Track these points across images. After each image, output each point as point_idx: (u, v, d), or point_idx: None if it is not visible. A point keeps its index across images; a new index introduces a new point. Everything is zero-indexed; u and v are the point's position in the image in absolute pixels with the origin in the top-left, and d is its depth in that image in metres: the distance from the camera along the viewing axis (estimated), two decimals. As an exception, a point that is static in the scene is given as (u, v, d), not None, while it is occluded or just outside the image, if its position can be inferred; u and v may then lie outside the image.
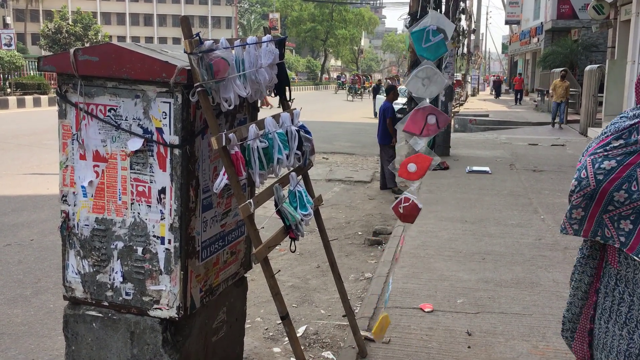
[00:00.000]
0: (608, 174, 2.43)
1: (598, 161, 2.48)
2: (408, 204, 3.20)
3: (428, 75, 3.12)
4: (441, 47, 3.09)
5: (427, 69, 3.14)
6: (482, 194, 8.79)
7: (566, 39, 28.86)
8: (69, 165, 2.84)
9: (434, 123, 3.12)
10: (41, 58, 2.84)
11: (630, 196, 2.39)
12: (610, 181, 2.43)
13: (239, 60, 2.81)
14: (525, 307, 4.58)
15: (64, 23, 43.97)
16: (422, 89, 3.14)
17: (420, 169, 3.11)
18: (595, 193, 2.47)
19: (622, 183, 2.40)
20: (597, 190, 2.46)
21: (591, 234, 2.56)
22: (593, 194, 2.48)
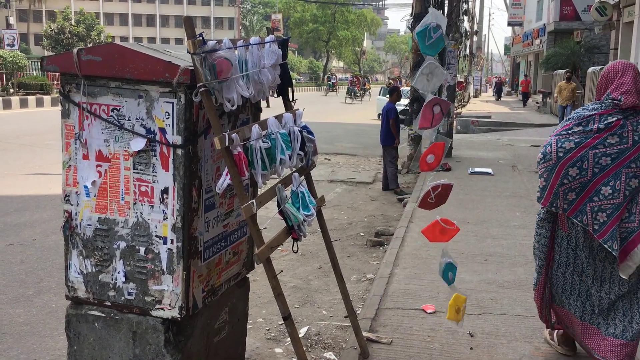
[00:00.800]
0: (567, 153, 3.19)
1: (561, 141, 3.23)
2: (439, 190, 3.30)
3: (431, 71, 3.27)
4: (440, 41, 3.24)
5: (430, 64, 3.28)
6: (484, 195, 8.79)
7: (569, 40, 28.84)
8: (72, 165, 2.84)
9: (439, 111, 3.29)
10: (44, 58, 2.85)
11: (580, 172, 3.17)
12: (568, 159, 3.19)
13: (242, 60, 2.81)
14: (528, 308, 4.57)
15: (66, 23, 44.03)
16: (427, 84, 3.29)
17: (437, 157, 3.27)
18: (555, 166, 3.22)
19: (577, 161, 3.18)
20: (557, 164, 3.21)
21: (549, 204, 3.30)
22: (554, 167, 3.22)
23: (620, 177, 3.14)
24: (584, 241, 3.28)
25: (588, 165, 3.17)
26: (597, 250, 3.26)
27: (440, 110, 3.28)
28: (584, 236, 3.28)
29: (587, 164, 3.17)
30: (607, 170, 3.16)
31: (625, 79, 3.23)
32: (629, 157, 3.16)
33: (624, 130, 3.17)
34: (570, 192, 3.21)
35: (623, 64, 3.32)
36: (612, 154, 3.16)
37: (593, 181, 3.17)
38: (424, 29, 3.21)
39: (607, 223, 3.13)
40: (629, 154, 3.16)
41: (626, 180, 3.14)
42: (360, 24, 70.39)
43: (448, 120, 12.60)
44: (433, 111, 3.25)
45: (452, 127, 13.39)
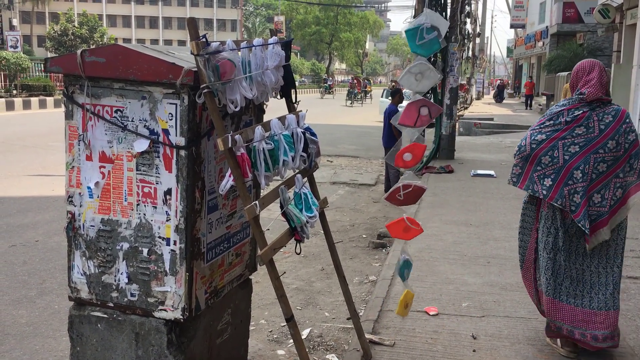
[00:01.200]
0: (539, 144, 3.65)
1: (534, 135, 3.69)
2: (409, 189, 3.34)
3: (421, 71, 3.24)
4: (434, 44, 3.22)
5: (420, 64, 3.25)
6: (487, 197, 8.78)
7: (571, 42, 28.82)
8: (75, 166, 2.85)
9: (427, 114, 3.27)
10: (48, 59, 2.85)
11: (552, 160, 3.61)
12: (540, 149, 3.64)
13: (246, 62, 2.81)
14: (531, 311, 4.56)
15: (70, 25, 44.14)
16: (415, 83, 3.27)
17: (415, 157, 3.29)
18: (529, 156, 3.68)
19: (548, 150, 3.62)
20: (531, 155, 3.67)
21: (525, 187, 3.74)
22: (528, 157, 3.69)
23: (589, 162, 3.56)
24: (561, 219, 3.68)
25: (558, 153, 3.61)
26: (569, 227, 3.69)
27: (428, 113, 3.26)
28: (561, 214, 3.68)
29: (558, 152, 3.62)
30: (577, 156, 3.58)
31: (592, 75, 3.63)
32: (596, 144, 3.57)
33: (590, 121, 3.59)
34: (545, 178, 3.64)
35: (590, 63, 3.74)
36: (579, 142, 3.59)
37: (565, 167, 3.59)
38: (415, 27, 3.21)
39: (581, 204, 3.57)
40: (596, 142, 3.57)
41: (594, 164, 3.57)
42: (362, 26, 70.42)
43: (451, 122, 12.60)
44: (420, 112, 3.25)
45: (455, 129, 13.37)
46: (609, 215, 3.61)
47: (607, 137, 3.55)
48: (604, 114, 3.59)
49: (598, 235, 3.62)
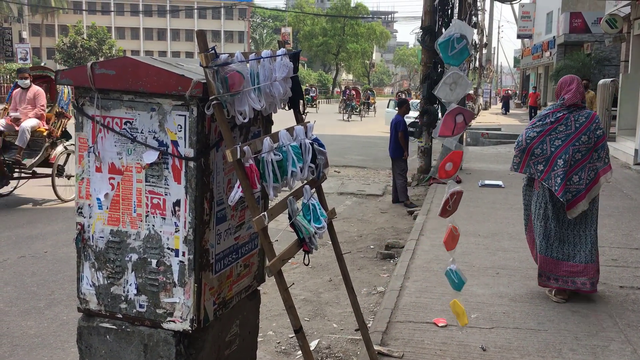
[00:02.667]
0: (532, 139, 4.81)
1: (528, 133, 4.86)
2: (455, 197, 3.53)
3: (455, 80, 3.36)
4: (464, 52, 3.33)
5: (454, 74, 3.36)
6: (495, 208, 8.74)
7: (579, 52, 28.77)
8: (85, 178, 2.86)
9: (462, 120, 3.40)
10: (59, 72, 2.87)
11: (542, 151, 4.76)
12: (533, 143, 4.81)
13: (254, 73, 2.83)
14: (540, 322, 4.53)
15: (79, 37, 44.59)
16: (450, 93, 3.39)
17: (455, 165, 3.45)
18: (525, 149, 4.84)
19: (539, 144, 4.79)
20: (527, 147, 4.83)
21: (523, 171, 4.92)
22: (524, 149, 4.85)
23: (568, 152, 4.70)
24: (549, 195, 4.84)
25: (547, 146, 4.78)
26: (556, 201, 4.82)
27: (464, 119, 3.40)
28: (549, 192, 4.83)
29: (546, 145, 4.78)
30: (560, 148, 4.73)
31: (571, 86, 4.82)
32: (573, 138, 4.73)
33: (568, 121, 4.77)
34: (538, 164, 4.81)
35: (570, 77, 4.97)
36: (561, 137, 4.75)
37: (552, 157, 4.74)
38: (447, 39, 3.31)
39: (561, 184, 4.68)
40: (573, 136, 4.73)
41: (572, 154, 4.71)
42: (369, 37, 70.62)
43: (458, 132, 12.59)
44: (455, 120, 3.38)
45: (462, 139, 13.35)
46: (585, 191, 4.76)
47: (581, 132, 4.73)
48: (578, 115, 4.78)
49: (578, 206, 4.76)
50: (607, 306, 4.88)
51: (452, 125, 3.37)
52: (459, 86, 3.36)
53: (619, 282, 5.46)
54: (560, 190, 4.67)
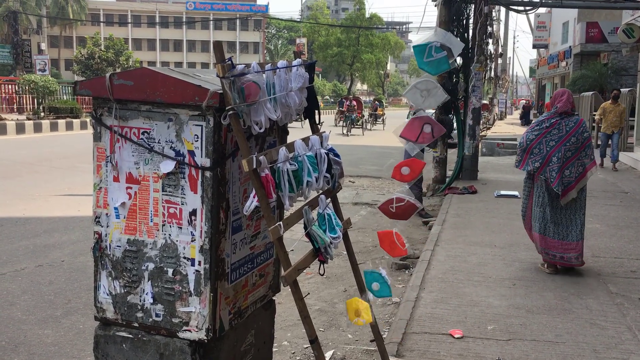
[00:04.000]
0: (531, 141, 5.85)
1: (528, 135, 5.91)
2: (402, 203, 3.38)
3: (427, 88, 3.29)
4: (443, 63, 3.25)
5: (426, 81, 3.30)
6: (511, 218, 8.67)
7: (595, 62, 28.59)
8: (103, 187, 2.89)
9: (429, 132, 3.31)
10: (78, 82, 2.91)
11: (540, 151, 5.79)
12: (532, 144, 5.84)
13: (270, 83, 2.84)
14: (558, 334, 4.48)
15: (96, 49, 45.13)
16: (421, 100, 3.33)
17: (413, 172, 3.35)
18: (526, 149, 5.87)
19: (537, 145, 5.81)
20: (527, 147, 5.86)
21: (524, 167, 5.96)
22: (525, 149, 5.88)
23: (561, 151, 5.76)
24: (545, 186, 5.88)
25: (543, 146, 5.82)
26: (551, 191, 5.85)
27: (431, 132, 3.29)
28: (545, 184, 5.87)
29: (543, 145, 5.83)
30: (554, 148, 5.78)
31: (563, 97, 5.90)
32: (564, 140, 5.77)
33: (560, 126, 5.82)
34: (536, 162, 5.85)
35: (563, 90, 6.12)
36: (555, 139, 5.80)
37: (547, 155, 5.79)
38: (424, 45, 3.24)
39: (555, 177, 5.74)
40: (564, 138, 5.78)
41: (564, 153, 5.77)
42: (384, 47, 70.74)
43: (473, 142, 12.52)
44: (422, 129, 3.28)
45: (478, 149, 13.29)
46: (575, 183, 5.81)
47: (570, 135, 5.78)
48: (568, 121, 5.83)
49: (569, 195, 5.83)
50: (625, 319, 4.81)
51: (417, 131, 3.28)
52: (432, 96, 3.28)
53: (637, 294, 5.38)
54: (555, 181, 5.72)
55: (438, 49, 3.24)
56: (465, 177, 12.49)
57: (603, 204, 9.92)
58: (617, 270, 6.15)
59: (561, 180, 5.73)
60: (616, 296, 5.36)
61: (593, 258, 6.58)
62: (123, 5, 79.74)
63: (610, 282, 5.77)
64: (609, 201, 10.28)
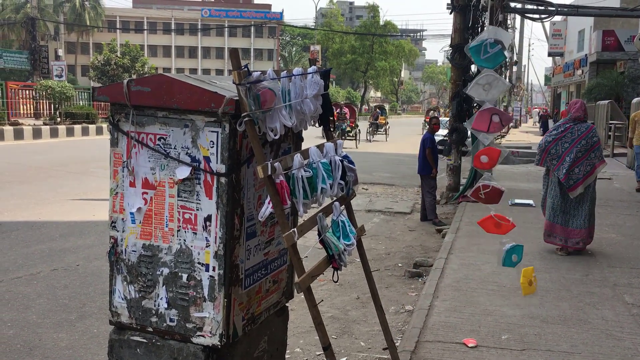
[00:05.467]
0: (549, 143, 6.84)
1: (547, 138, 6.94)
2: (489, 189, 3.64)
3: (489, 82, 3.49)
4: (500, 55, 3.45)
5: (487, 76, 3.49)
6: (526, 227, 8.59)
7: (612, 71, 28.35)
8: (119, 192, 2.91)
9: (498, 121, 3.51)
10: (96, 89, 2.94)
11: (556, 151, 6.78)
12: (549, 146, 6.82)
13: (285, 90, 2.86)
14: (574, 345, 4.43)
15: (112, 55, 45.52)
16: (484, 93, 3.52)
17: (491, 160, 3.56)
18: (544, 149, 6.85)
19: (554, 147, 6.79)
20: (545, 149, 6.85)
21: (543, 164, 6.99)
22: (544, 150, 6.86)
23: (573, 152, 6.70)
24: (557, 181, 6.85)
25: (559, 148, 6.78)
26: (562, 185, 6.81)
27: (500, 121, 3.49)
28: (557, 179, 6.84)
29: (559, 147, 6.78)
30: (567, 149, 6.73)
31: (576, 106, 6.92)
32: (576, 142, 6.72)
33: (574, 130, 6.78)
34: (552, 160, 6.84)
35: (577, 100, 7.21)
36: (568, 141, 6.75)
37: (562, 155, 6.74)
38: (479, 44, 3.44)
39: (564, 174, 6.71)
40: (575, 141, 6.72)
41: (575, 153, 6.70)
42: (398, 54, 70.67)
43: (488, 150, 12.46)
44: (491, 119, 3.49)
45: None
46: (582, 180, 6.72)
47: (581, 138, 6.74)
48: (580, 126, 6.80)
49: (576, 190, 6.74)
50: (643, 330, 4.75)
51: (486, 122, 3.48)
52: (494, 87, 3.48)
53: (655, 305, 5.31)
54: (564, 178, 6.74)
55: (492, 44, 3.44)
56: (479, 185, 12.42)
57: (619, 214, 9.82)
58: (633, 280, 6.08)
59: (570, 176, 6.71)
60: (632, 307, 5.29)
61: (609, 268, 6.51)
62: (139, 12, 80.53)
63: (626, 292, 5.70)
64: (625, 211, 10.17)
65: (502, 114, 3.53)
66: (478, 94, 3.51)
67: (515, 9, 14.43)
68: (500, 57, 3.45)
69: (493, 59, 3.45)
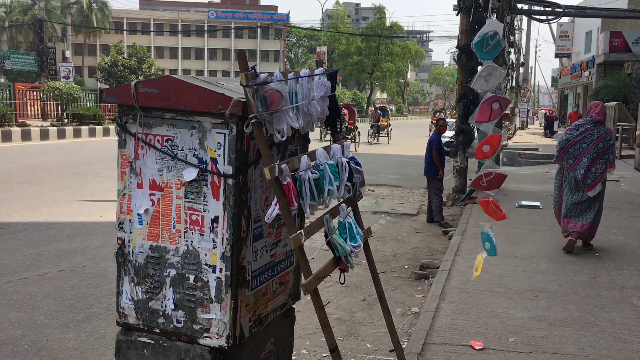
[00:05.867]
0: (568, 141, 7.17)
1: (566, 136, 7.24)
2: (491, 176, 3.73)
3: (489, 72, 3.62)
4: (498, 45, 3.59)
5: (488, 67, 3.63)
6: (533, 229, 8.58)
7: (619, 72, 28.22)
8: (127, 194, 2.92)
9: (498, 107, 3.61)
10: (103, 90, 2.95)
11: (574, 150, 7.10)
12: (569, 144, 7.15)
13: (292, 92, 2.85)
14: (581, 348, 4.41)
15: (119, 57, 45.70)
16: (485, 84, 3.66)
17: (492, 147, 3.68)
18: (563, 147, 7.18)
19: (572, 146, 7.11)
20: (564, 146, 7.18)
21: (559, 162, 7.27)
22: (562, 148, 7.19)
23: (590, 153, 7.00)
24: (574, 180, 7.13)
25: (577, 148, 7.08)
26: (578, 184, 7.11)
27: (500, 106, 3.59)
28: (574, 178, 7.12)
29: (576, 147, 7.09)
30: (585, 150, 7.03)
31: (597, 109, 7.20)
32: (593, 144, 7.02)
33: (593, 132, 7.08)
34: (569, 159, 7.13)
35: (596, 102, 7.47)
36: (587, 142, 7.06)
37: (579, 156, 7.04)
38: (482, 38, 3.57)
39: (582, 174, 7.00)
40: (593, 143, 7.03)
41: (592, 154, 7.00)
42: (404, 56, 70.59)
43: (494, 152, 12.42)
44: (492, 107, 3.60)
45: (498, 159, 13.16)
46: (600, 178, 7.03)
47: (599, 141, 7.05)
48: (599, 129, 7.10)
49: (596, 188, 7.03)
50: (651, 333, 4.72)
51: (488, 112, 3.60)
52: (493, 76, 3.62)
53: (663, 308, 5.28)
54: (581, 178, 7.04)
55: (492, 36, 3.58)
56: (485, 187, 12.38)
57: (627, 216, 9.77)
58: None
59: (588, 176, 7.03)
60: None
61: (617, 271, 6.49)
62: (146, 13, 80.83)
63: (634, 295, 5.67)
64: (633, 213, 10.12)
65: (501, 98, 3.65)
66: (481, 86, 3.66)
67: (523, 10, 14.38)
68: (498, 46, 3.60)
69: (493, 50, 3.59)
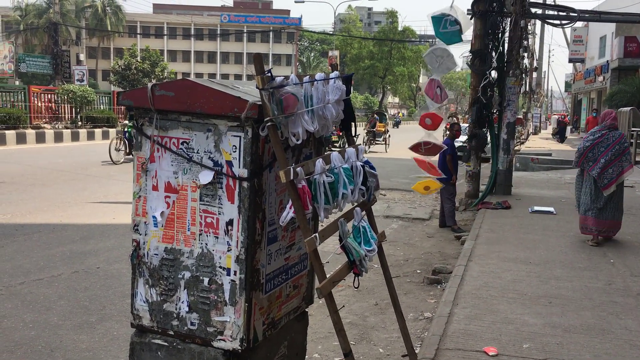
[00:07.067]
0: (586, 148, 7.81)
1: (584, 142, 7.93)
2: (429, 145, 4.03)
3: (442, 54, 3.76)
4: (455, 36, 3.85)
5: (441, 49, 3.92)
6: (547, 235, 8.51)
7: (634, 77, 27.96)
8: (142, 196, 2.93)
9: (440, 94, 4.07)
10: (120, 93, 2.97)
11: (593, 155, 7.73)
12: (587, 149, 7.78)
13: (308, 96, 2.86)
14: (597, 355, 4.36)
15: (133, 60, 45.96)
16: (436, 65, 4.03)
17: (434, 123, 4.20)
18: (582, 152, 7.83)
19: (591, 150, 7.76)
20: (583, 152, 7.82)
21: (580, 165, 7.93)
22: (582, 153, 7.84)
23: (608, 155, 7.59)
24: (592, 180, 7.74)
25: (595, 151, 7.67)
26: (596, 184, 7.71)
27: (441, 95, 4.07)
28: (592, 178, 7.73)
29: (595, 151, 7.68)
30: (602, 153, 7.63)
31: (611, 115, 7.90)
32: (610, 148, 7.63)
33: (608, 136, 7.71)
34: (589, 162, 7.71)
35: (610, 110, 8.23)
36: (603, 146, 7.66)
37: (597, 158, 7.63)
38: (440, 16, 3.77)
39: (599, 173, 7.61)
40: (610, 146, 7.63)
41: (610, 156, 7.59)
42: (416, 60, 70.48)
43: (507, 157, 12.35)
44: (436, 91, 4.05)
45: (512, 164, 13.09)
46: (615, 179, 7.62)
47: (615, 144, 7.65)
48: (614, 133, 7.75)
49: (610, 188, 7.63)
50: (667, 341, 4.66)
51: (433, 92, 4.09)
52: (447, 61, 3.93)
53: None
54: (599, 177, 7.64)
55: (452, 22, 3.79)
56: (498, 192, 12.31)
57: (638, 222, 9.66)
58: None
59: (604, 176, 7.64)
60: (657, 317, 5.20)
61: (632, 277, 6.41)
62: (159, 17, 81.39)
63: (650, 302, 5.60)
64: (648, 219, 10.01)
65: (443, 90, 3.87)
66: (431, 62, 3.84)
67: (536, 14, 14.31)
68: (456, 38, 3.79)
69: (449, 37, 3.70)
